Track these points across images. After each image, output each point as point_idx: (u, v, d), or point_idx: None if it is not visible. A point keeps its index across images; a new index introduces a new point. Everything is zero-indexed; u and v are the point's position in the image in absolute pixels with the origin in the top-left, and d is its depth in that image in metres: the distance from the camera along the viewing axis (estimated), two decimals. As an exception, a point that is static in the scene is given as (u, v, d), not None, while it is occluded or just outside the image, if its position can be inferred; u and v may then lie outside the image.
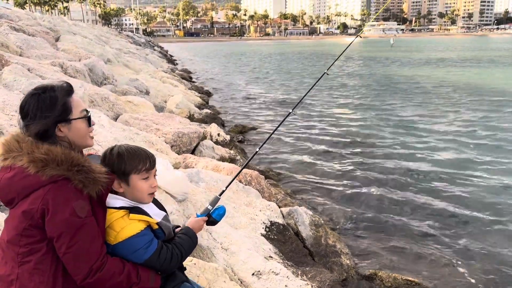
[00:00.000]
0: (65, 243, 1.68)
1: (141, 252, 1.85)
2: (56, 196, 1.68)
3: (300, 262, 4.71)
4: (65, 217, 1.67)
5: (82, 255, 1.71)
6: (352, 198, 7.51)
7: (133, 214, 1.89)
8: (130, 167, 1.94)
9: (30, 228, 1.68)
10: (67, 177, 1.71)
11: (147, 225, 1.91)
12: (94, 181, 1.75)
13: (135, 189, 1.97)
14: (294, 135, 12.25)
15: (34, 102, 1.81)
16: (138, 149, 1.99)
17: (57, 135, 1.83)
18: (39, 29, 14.71)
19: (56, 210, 1.66)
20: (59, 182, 1.70)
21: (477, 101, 17.51)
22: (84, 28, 34.22)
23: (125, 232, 1.84)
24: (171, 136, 7.66)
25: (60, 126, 1.84)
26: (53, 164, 1.69)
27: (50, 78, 7.31)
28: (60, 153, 1.73)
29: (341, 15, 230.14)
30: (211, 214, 2.31)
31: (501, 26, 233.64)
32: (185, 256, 2.04)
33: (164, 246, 1.95)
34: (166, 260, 1.92)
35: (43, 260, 1.71)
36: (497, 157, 9.76)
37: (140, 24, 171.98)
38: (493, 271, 5.26)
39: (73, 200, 1.70)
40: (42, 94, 1.84)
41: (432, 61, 41.36)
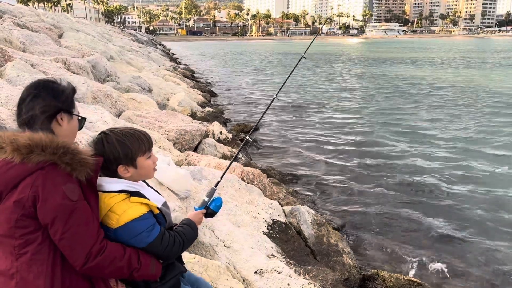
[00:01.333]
0: (60, 228, 1.65)
1: (144, 235, 1.83)
2: (45, 181, 1.65)
3: (302, 261, 4.71)
4: (57, 201, 1.64)
5: (78, 239, 1.68)
6: (355, 198, 7.51)
7: (134, 197, 1.87)
8: (135, 150, 1.93)
9: (22, 218, 1.65)
10: (54, 162, 1.68)
11: (149, 209, 1.89)
12: (81, 163, 1.72)
13: (144, 169, 1.98)
14: (297, 134, 12.24)
15: (47, 87, 1.85)
16: (133, 131, 1.98)
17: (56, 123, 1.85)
18: (42, 26, 14.70)
19: (46, 196, 1.63)
20: (46, 168, 1.67)
21: (482, 104, 17.49)
22: (87, 25, 34.21)
23: (127, 215, 1.81)
24: (173, 133, 7.65)
25: (62, 115, 1.86)
26: (37, 150, 1.66)
27: (53, 74, 7.30)
28: (44, 137, 1.70)
29: (343, 16, 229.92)
30: (209, 206, 2.30)
31: (503, 28, 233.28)
32: (186, 244, 2.03)
33: (166, 232, 1.94)
34: (169, 246, 1.91)
35: (40, 249, 1.68)
36: (500, 160, 9.75)
37: (143, 22, 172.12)
38: (494, 273, 5.26)
39: (63, 183, 1.67)
40: (55, 84, 1.88)
41: (437, 62, 41.33)
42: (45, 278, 1.68)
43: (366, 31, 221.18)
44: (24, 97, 1.84)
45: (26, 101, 1.82)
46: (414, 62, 42.09)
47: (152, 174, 2.05)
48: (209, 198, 2.32)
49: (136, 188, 1.94)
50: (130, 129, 2.00)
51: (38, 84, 1.87)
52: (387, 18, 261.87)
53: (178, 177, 4.57)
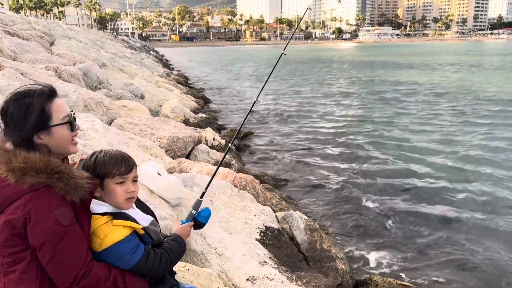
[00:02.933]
0: (48, 252, 1.63)
1: (127, 258, 1.82)
2: (38, 204, 1.62)
3: (295, 267, 4.69)
4: (48, 226, 1.61)
5: (66, 264, 1.67)
6: (348, 203, 7.51)
7: (117, 220, 1.84)
8: (104, 170, 1.89)
9: (12, 238, 1.63)
10: (48, 184, 1.66)
11: (132, 230, 1.87)
12: (76, 188, 1.70)
13: (110, 194, 1.91)
14: (290, 140, 12.25)
15: (13, 109, 1.75)
16: (116, 154, 1.94)
17: (36, 143, 1.76)
18: (33, 33, 14.65)
19: (38, 219, 1.61)
20: (40, 190, 1.64)
21: (475, 106, 17.61)
22: (79, 32, 34.15)
23: (109, 239, 1.80)
24: (165, 140, 7.62)
25: (40, 134, 1.77)
26: (32, 172, 1.64)
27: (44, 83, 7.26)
28: (38, 161, 1.66)
29: (336, 20, 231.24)
30: (197, 218, 2.26)
31: (495, 31, 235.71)
32: (174, 261, 2.01)
33: (151, 251, 1.91)
34: (155, 265, 1.89)
35: (28, 269, 1.66)
36: (494, 163, 9.80)
37: (136, 28, 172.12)
38: (488, 277, 5.26)
39: (55, 208, 1.64)
40: (21, 100, 1.76)
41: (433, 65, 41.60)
42: None
43: (359, 35, 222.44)
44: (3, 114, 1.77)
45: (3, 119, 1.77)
46: (411, 66, 42.35)
47: (123, 204, 1.93)
48: (196, 210, 2.29)
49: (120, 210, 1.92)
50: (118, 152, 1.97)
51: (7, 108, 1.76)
52: (380, 22, 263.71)
53: (169, 184, 4.54)
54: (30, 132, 1.74)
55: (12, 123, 1.74)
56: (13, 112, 1.74)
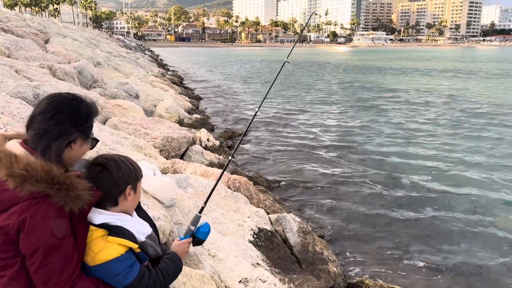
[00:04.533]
0: (37, 262, 1.61)
1: (120, 278, 1.76)
2: (34, 213, 1.59)
3: (287, 269, 4.70)
4: (41, 236, 1.59)
5: (52, 277, 1.63)
6: (341, 206, 7.54)
7: (112, 237, 1.76)
8: (139, 173, 1.93)
9: (4, 243, 1.61)
10: (47, 193, 1.62)
11: (127, 248, 1.79)
12: (77, 199, 1.66)
13: (137, 196, 1.93)
14: (284, 142, 12.28)
15: (70, 110, 1.75)
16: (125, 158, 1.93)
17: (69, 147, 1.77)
18: (28, 31, 14.55)
19: (32, 228, 1.58)
20: (38, 199, 1.61)
21: (464, 110, 17.78)
22: (75, 30, 33.96)
23: (103, 255, 1.74)
24: (160, 140, 7.61)
25: (79, 139, 1.79)
26: (32, 180, 1.60)
27: (39, 81, 7.23)
28: (40, 169, 1.62)
29: (331, 24, 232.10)
30: (196, 234, 2.19)
31: (487, 38, 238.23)
32: (168, 282, 1.96)
33: (146, 272, 1.85)
34: (148, 286, 1.84)
35: (16, 275, 1.64)
36: (484, 166, 9.90)
37: (131, 28, 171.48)
38: (477, 281, 5.31)
39: (51, 219, 1.60)
40: (79, 107, 1.78)
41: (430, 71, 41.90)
42: None
43: (353, 39, 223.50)
44: (41, 112, 1.74)
45: (41, 116, 1.73)
46: (404, 71, 42.62)
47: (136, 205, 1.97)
48: (195, 226, 2.20)
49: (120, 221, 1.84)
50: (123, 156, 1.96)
51: (61, 103, 1.76)
52: (375, 27, 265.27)
53: (163, 185, 4.54)
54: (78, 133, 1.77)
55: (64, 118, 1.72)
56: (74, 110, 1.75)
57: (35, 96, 6.34)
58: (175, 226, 4.39)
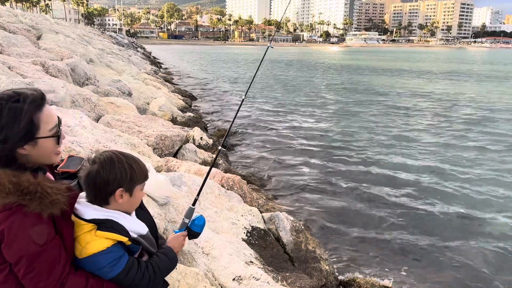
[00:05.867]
0: (22, 269, 1.59)
1: (106, 270, 1.77)
2: (11, 224, 1.54)
3: (280, 268, 4.75)
4: (22, 246, 1.56)
5: (41, 280, 1.62)
6: (333, 205, 7.61)
7: (100, 231, 1.78)
8: (139, 177, 1.89)
9: None
10: (21, 204, 1.56)
11: (115, 242, 1.80)
12: (52, 204, 1.61)
13: (134, 200, 1.91)
14: (277, 141, 12.32)
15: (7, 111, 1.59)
16: (137, 159, 1.92)
17: (18, 153, 1.64)
18: (20, 27, 14.42)
19: (12, 239, 1.55)
20: (13, 209, 1.56)
21: (455, 112, 17.97)
22: (67, 27, 33.70)
23: (90, 248, 1.75)
24: (153, 138, 7.61)
25: (25, 145, 1.65)
26: (2, 194, 1.55)
27: (32, 77, 7.19)
28: (7, 182, 1.56)
29: (324, 24, 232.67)
30: (190, 227, 2.18)
31: (478, 40, 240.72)
32: (159, 277, 1.93)
33: (135, 265, 1.83)
34: (136, 280, 1.82)
35: (7, 279, 1.63)
36: (473, 164, 10.03)
37: (124, 24, 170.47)
38: (468, 279, 5.40)
39: (30, 227, 1.56)
40: (10, 104, 1.61)
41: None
42: None
43: (346, 39, 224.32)
44: None
45: None
46: (399, 72, 42.86)
47: (134, 208, 1.97)
48: (189, 219, 2.19)
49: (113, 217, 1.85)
50: (134, 156, 1.93)
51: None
52: (367, 27, 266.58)
53: (158, 183, 4.55)
54: (14, 144, 1.62)
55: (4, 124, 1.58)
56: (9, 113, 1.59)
57: (28, 93, 6.30)
58: (169, 224, 4.41)
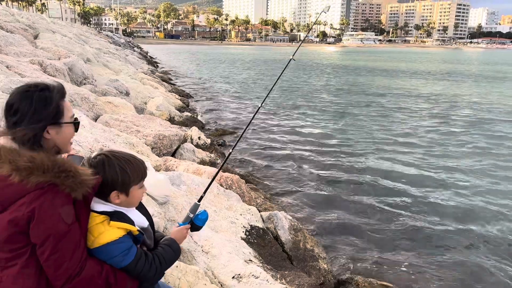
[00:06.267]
0: (49, 249, 1.64)
1: (118, 260, 1.84)
2: (43, 203, 1.62)
3: (279, 266, 4.78)
4: (51, 224, 1.62)
5: (63, 262, 1.67)
6: (331, 204, 7.64)
7: (113, 222, 1.86)
8: (133, 179, 1.92)
9: (15, 234, 1.63)
10: (54, 182, 1.65)
11: (127, 232, 1.88)
12: (82, 185, 1.71)
13: (132, 199, 1.96)
14: (275, 141, 12.35)
15: (27, 102, 1.73)
16: (133, 159, 1.97)
17: (45, 138, 1.77)
18: (17, 26, 14.37)
19: (42, 217, 1.61)
20: (45, 188, 1.64)
21: (450, 113, 18.06)
22: (64, 26, 33.62)
23: (102, 238, 1.82)
24: (151, 138, 7.63)
25: (49, 128, 1.77)
26: (38, 172, 1.63)
27: (30, 77, 7.19)
28: (46, 160, 1.65)
29: (321, 24, 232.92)
30: (194, 221, 2.29)
31: (474, 40, 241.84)
32: (164, 267, 2.01)
33: (143, 256, 1.92)
34: (144, 270, 1.90)
35: (28, 263, 1.67)
36: (471, 165, 10.10)
37: (120, 24, 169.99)
38: (467, 278, 5.44)
39: (60, 206, 1.65)
40: (36, 93, 1.76)
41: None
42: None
43: (343, 39, 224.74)
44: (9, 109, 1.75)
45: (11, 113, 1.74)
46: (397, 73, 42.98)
47: (136, 204, 2.03)
48: (193, 213, 2.31)
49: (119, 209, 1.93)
50: (130, 155, 1.98)
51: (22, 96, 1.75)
52: (364, 27, 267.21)
53: (157, 182, 4.58)
54: (43, 125, 1.74)
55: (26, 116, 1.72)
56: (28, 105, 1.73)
57: (26, 92, 6.31)
58: (169, 223, 4.43)
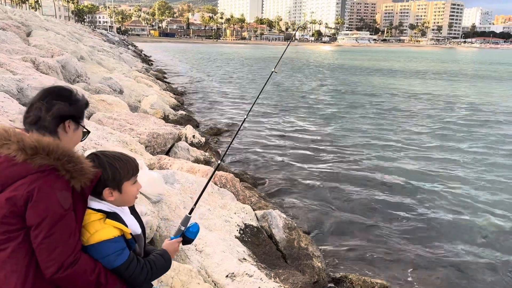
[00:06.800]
0: (43, 232, 1.65)
1: (111, 259, 1.84)
2: (42, 184, 1.66)
3: (273, 265, 4.77)
4: (48, 206, 1.65)
5: (58, 247, 1.67)
6: (325, 202, 7.65)
7: (109, 220, 1.88)
8: (124, 175, 1.94)
9: (10, 215, 1.65)
10: (55, 167, 1.71)
11: (121, 233, 1.90)
12: (82, 172, 1.75)
13: (126, 195, 1.97)
14: (269, 140, 12.34)
15: (62, 93, 1.91)
16: (123, 156, 1.99)
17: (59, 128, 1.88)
18: (10, 23, 14.24)
19: (40, 198, 1.65)
20: (46, 172, 1.69)
21: (447, 112, 18.14)
22: (57, 24, 33.38)
23: (98, 236, 1.83)
24: (145, 136, 7.58)
25: (69, 123, 1.91)
26: (43, 153, 1.69)
27: (22, 74, 7.12)
28: (51, 142, 1.73)
29: (316, 23, 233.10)
30: (185, 234, 2.30)
31: (468, 40, 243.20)
32: (155, 275, 2.03)
33: (135, 259, 1.94)
34: (135, 273, 1.91)
35: (19, 249, 1.67)
36: (464, 165, 10.15)
37: (115, 22, 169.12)
38: (459, 275, 5.47)
39: (58, 190, 1.69)
40: (71, 92, 1.96)
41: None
42: (17, 278, 1.67)
43: (338, 38, 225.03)
44: (37, 100, 1.87)
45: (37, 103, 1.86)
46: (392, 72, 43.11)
47: (133, 201, 2.06)
48: (185, 226, 2.31)
49: (115, 210, 1.95)
50: (120, 153, 2.01)
51: (54, 90, 1.92)
52: (359, 27, 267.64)
53: (151, 180, 4.55)
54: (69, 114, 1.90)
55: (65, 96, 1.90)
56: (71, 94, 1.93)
57: (18, 90, 6.25)
58: (162, 221, 4.41)
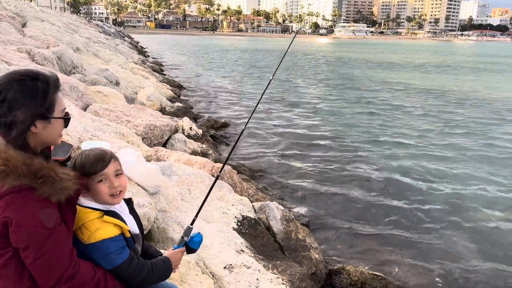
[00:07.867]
0: (32, 254, 1.56)
1: (112, 257, 1.83)
2: (20, 207, 1.52)
3: (271, 256, 4.78)
4: (31, 229, 1.53)
5: (50, 265, 1.60)
6: (322, 194, 7.66)
7: (108, 217, 1.86)
8: (83, 172, 1.88)
9: None
10: (31, 186, 1.54)
11: (121, 232, 1.89)
12: (62, 190, 1.60)
13: (95, 193, 1.91)
14: (267, 132, 12.33)
15: (18, 89, 1.58)
16: (91, 153, 1.93)
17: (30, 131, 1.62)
18: (4, 14, 14.07)
19: (20, 222, 1.51)
20: (22, 192, 1.53)
21: (445, 105, 18.16)
22: (52, 15, 33.08)
23: (99, 234, 1.81)
24: (142, 128, 7.54)
25: (38, 122, 1.62)
26: (14, 175, 1.51)
27: (17, 65, 7.04)
28: (21, 164, 1.53)
29: (313, 15, 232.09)
30: (188, 244, 2.29)
31: (465, 33, 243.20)
32: (154, 278, 1.99)
33: (135, 258, 1.92)
34: (135, 272, 1.89)
35: (7, 264, 1.59)
36: (463, 161, 10.18)
37: (110, 13, 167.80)
38: (453, 268, 5.50)
39: (39, 210, 1.54)
40: (29, 82, 1.61)
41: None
42: None
43: (335, 31, 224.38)
44: None
45: None
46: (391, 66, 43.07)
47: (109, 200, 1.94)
48: (187, 236, 2.30)
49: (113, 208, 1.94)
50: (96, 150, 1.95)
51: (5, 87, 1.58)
52: (356, 19, 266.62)
53: (148, 172, 4.53)
54: (31, 118, 1.61)
55: (13, 103, 1.57)
56: (17, 93, 1.58)
57: (14, 81, 6.17)
58: (160, 213, 4.39)
